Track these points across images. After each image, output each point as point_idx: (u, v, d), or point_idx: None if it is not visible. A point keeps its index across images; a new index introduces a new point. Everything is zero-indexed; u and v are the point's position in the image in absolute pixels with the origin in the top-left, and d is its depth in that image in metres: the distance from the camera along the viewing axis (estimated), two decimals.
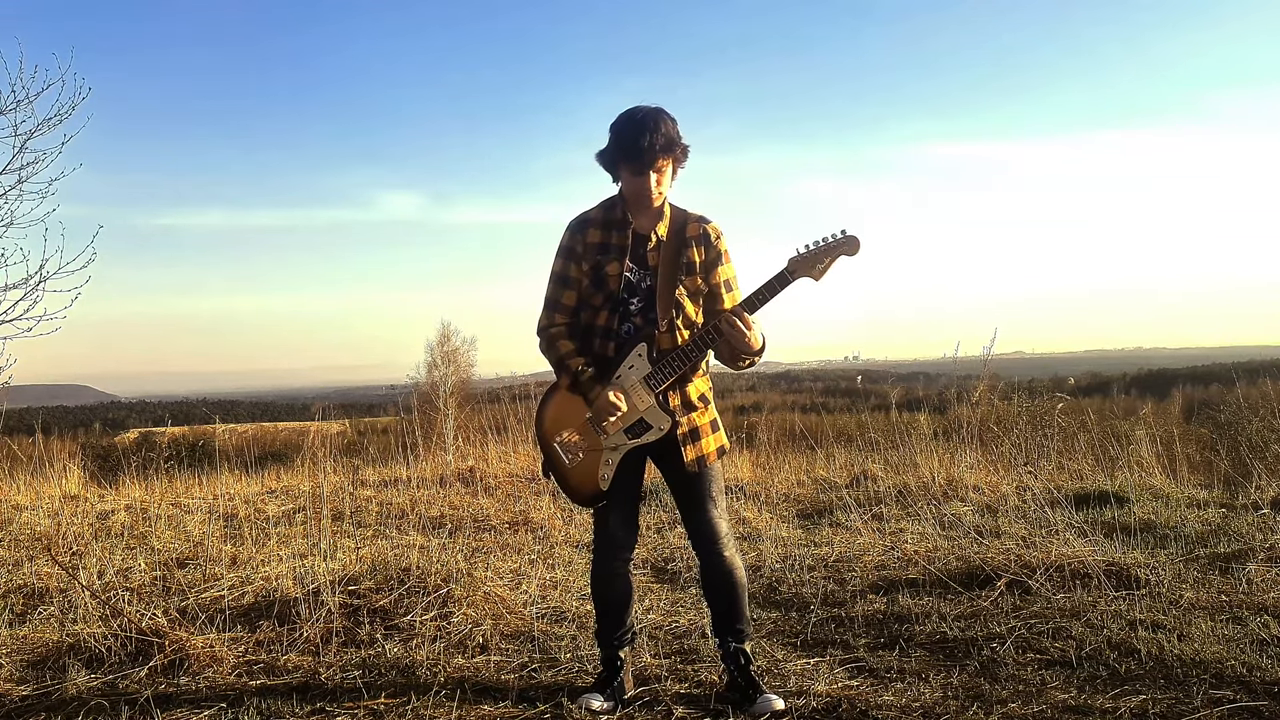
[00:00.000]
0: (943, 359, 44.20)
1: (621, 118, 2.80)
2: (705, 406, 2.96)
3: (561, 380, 2.91)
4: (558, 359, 2.90)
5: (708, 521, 2.93)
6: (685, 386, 2.90)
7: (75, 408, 53.55)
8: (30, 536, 5.60)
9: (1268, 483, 6.33)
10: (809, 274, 2.79)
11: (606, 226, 2.90)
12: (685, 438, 2.89)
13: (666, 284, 2.85)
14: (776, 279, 2.79)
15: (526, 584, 4.32)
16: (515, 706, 2.92)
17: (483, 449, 9.00)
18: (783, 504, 6.78)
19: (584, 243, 2.89)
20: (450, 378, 26.02)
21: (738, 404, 30.24)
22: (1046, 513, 5.30)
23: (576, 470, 2.91)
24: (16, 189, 5.66)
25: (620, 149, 2.78)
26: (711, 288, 2.93)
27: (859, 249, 2.76)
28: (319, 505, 5.94)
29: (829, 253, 2.77)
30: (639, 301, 2.89)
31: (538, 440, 3.00)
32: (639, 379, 2.82)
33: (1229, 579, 4.08)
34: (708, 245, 2.92)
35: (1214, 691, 2.86)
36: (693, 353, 2.82)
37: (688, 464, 2.89)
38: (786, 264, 2.79)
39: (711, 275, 2.92)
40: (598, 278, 2.88)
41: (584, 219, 2.94)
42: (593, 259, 2.88)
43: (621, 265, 2.86)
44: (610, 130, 2.83)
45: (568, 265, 2.92)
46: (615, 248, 2.87)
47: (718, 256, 2.93)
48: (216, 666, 3.30)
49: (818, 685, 3.03)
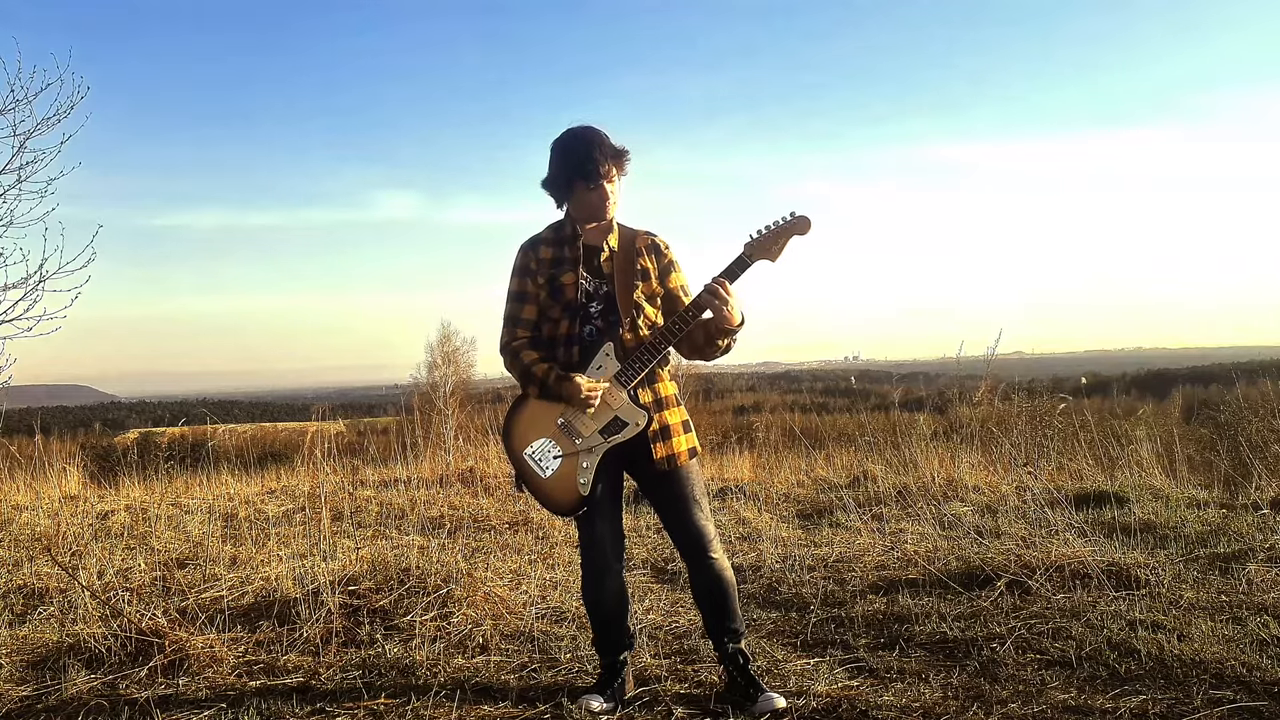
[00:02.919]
0: (943, 359, 44.18)
1: (564, 140, 2.89)
2: (676, 406, 2.98)
3: (529, 390, 2.91)
4: (523, 370, 2.90)
5: (693, 526, 2.92)
6: (655, 385, 2.92)
7: (75, 408, 53.49)
8: (30, 536, 5.60)
9: (1268, 483, 6.33)
10: (765, 256, 2.85)
11: (558, 243, 2.97)
12: (655, 435, 2.89)
13: (624, 287, 2.90)
14: (735, 263, 2.85)
15: (526, 584, 4.32)
16: (515, 706, 2.92)
17: (483, 449, 9.00)
18: (783, 504, 6.78)
19: (537, 259, 2.96)
20: (450, 378, 25.99)
21: (737, 404, 30.21)
22: (1046, 513, 5.30)
23: (552, 480, 2.87)
24: (16, 188, 5.66)
25: (573, 166, 2.85)
26: (669, 292, 2.99)
27: (810, 227, 2.84)
28: (319, 505, 5.93)
29: (783, 234, 2.84)
30: (598, 305, 2.93)
31: (507, 455, 2.98)
32: (609, 377, 2.83)
33: (1229, 579, 4.08)
34: (658, 254, 3.00)
35: (1214, 691, 2.86)
36: (660, 344, 2.85)
37: (656, 461, 2.88)
38: (743, 249, 2.86)
39: (667, 281, 2.99)
40: (554, 289, 2.92)
41: (535, 239, 3.01)
42: (547, 273, 2.93)
43: (576, 274, 2.92)
44: (554, 153, 2.91)
45: (524, 282, 2.96)
46: (569, 260, 2.94)
47: (670, 264, 3.01)
48: (216, 667, 3.30)
49: (818, 685, 3.03)
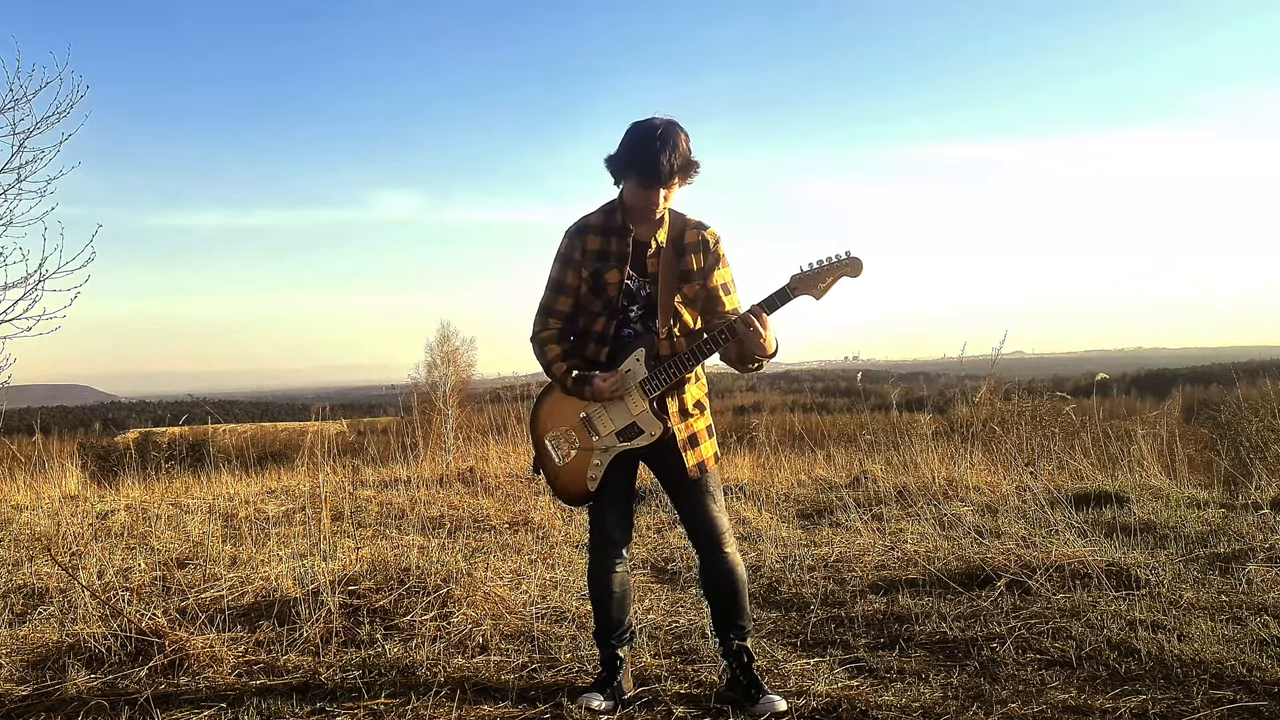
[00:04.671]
0: (943, 359, 43.89)
1: (641, 129, 2.73)
2: (701, 413, 2.97)
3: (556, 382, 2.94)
4: (546, 364, 2.92)
5: (709, 519, 2.93)
6: (683, 393, 2.91)
7: (75, 408, 53.48)
8: (30, 536, 5.60)
9: (1268, 483, 6.33)
10: (810, 292, 2.77)
11: (606, 233, 2.89)
12: (685, 444, 2.89)
13: (667, 291, 2.85)
14: (778, 294, 2.77)
15: (526, 584, 4.32)
16: (515, 706, 2.92)
17: (483, 449, 9.00)
18: (783, 504, 6.78)
19: (583, 249, 2.88)
20: (450, 378, 26.00)
21: (737, 404, 30.23)
22: (1046, 513, 5.29)
23: (565, 469, 2.93)
24: (15, 187, 5.66)
25: (636, 162, 2.72)
26: (709, 291, 2.92)
27: (862, 271, 2.73)
28: (319, 505, 5.93)
29: (831, 272, 2.75)
30: (639, 309, 2.90)
31: (531, 437, 3.04)
32: (635, 383, 2.83)
33: (1229, 579, 4.07)
34: (706, 251, 2.91)
35: (1214, 691, 2.86)
36: (690, 361, 2.82)
37: (690, 470, 2.89)
38: (789, 280, 2.77)
39: (709, 279, 2.91)
40: (597, 285, 2.87)
41: (583, 225, 2.91)
42: (592, 266, 2.87)
43: (622, 273, 2.86)
44: (626, 137, 2.75)
45: (565, 272, 2.91)
46: (615, 255, 2.87)
47: (716, 261, 2.92)
48: (216, 666, 3.30)
49: (818, 685, 3.03)
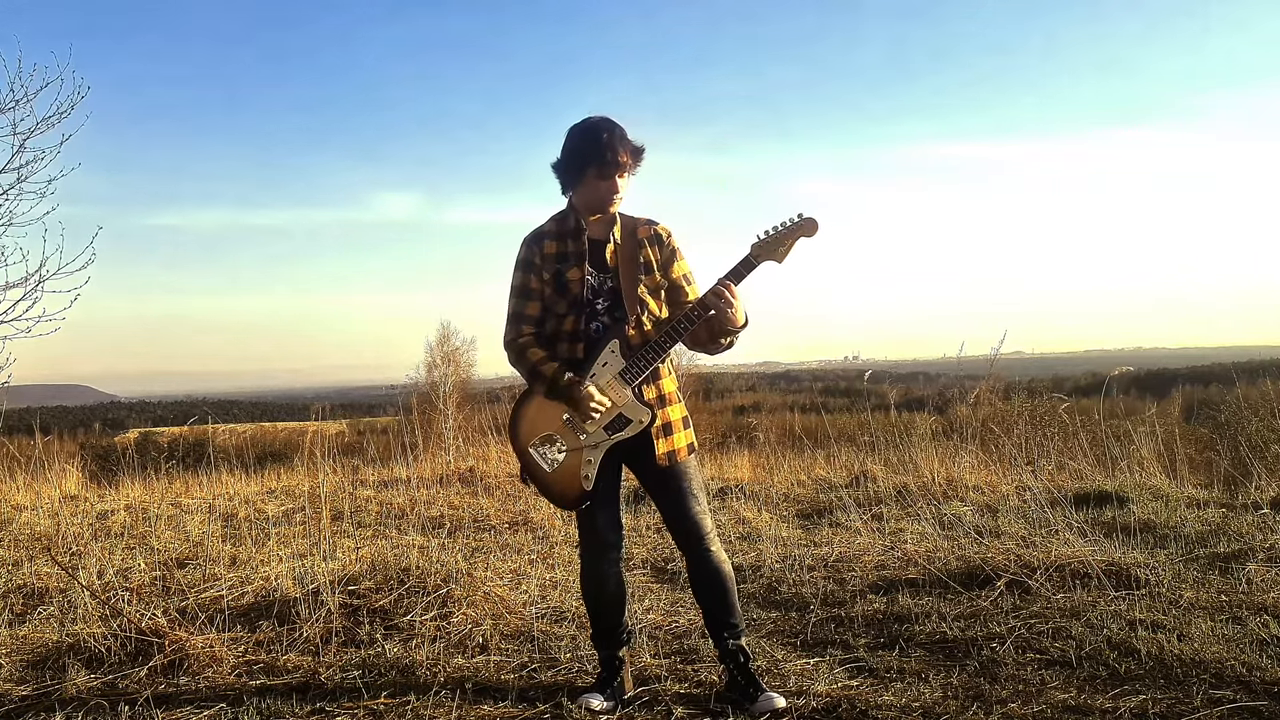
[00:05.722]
0: (943, 359, 43.80)
1: (585, 125, 2.88)
2: (677, 402, 3.00)
3: (535, 388, 2.91)
4: (530, 369, 2.90)
5: (691, 518, 2.93)
6: (658, 381, 2.94)
7: (75, 408, 53.52)
8: (30, 536, 5.60)
9: (1268, 483, 6.33)
10: (772, 257, 2.86)
11: (561, 237, 2.97)
12: (658, 432, 2.91)
13: (629, 281, 2.91)
14: (742, 264, 2.86)
15: (526, 584, 4.32)
16: (515, 706, 2.92)
17: (483, 449, 9.01)
18: (783, 504, 6.78)
19: (541, 254, 2.95)
20: (450, 378, 25.98)
21: (737, 404, 30.20)
22: (1046, 513, 5.29)
23: (557, 474, 2.91)
24: (16, 188, 5.67)
25: (593, 153, 2.84)
26: (672, 282, 3.00)
27: (817, 229, 2.85)
28: (318, 505, 5.93)
29: (790, 235, 2.85)
30: (604, 301, 2.94)
31: (513, 448, 3.01)
32: (614, 375, 2.85)
33: (1229, 579, 4.07)
34: (661, 245, 3.00)
35: (1214, 691, 2.85)
36: (665, 343, 2.87)
37: (659, 457, 2.90)
38: (750, 249, 2.86)
39: (669, 271, 2.99)
40: (560, 284, 2.92)
41: (538, 233, 3.00)
42: (552, 268, 2.93)
43: (582, 269, 2.92)
44: (571, 137, 2.90)
45: (528, 277, 2.96)
46: (573, 254, 2.93)
47: (672, 254, 3.01)
48: (216, 666, 3.30)
49: (818, 685, 3.03)
